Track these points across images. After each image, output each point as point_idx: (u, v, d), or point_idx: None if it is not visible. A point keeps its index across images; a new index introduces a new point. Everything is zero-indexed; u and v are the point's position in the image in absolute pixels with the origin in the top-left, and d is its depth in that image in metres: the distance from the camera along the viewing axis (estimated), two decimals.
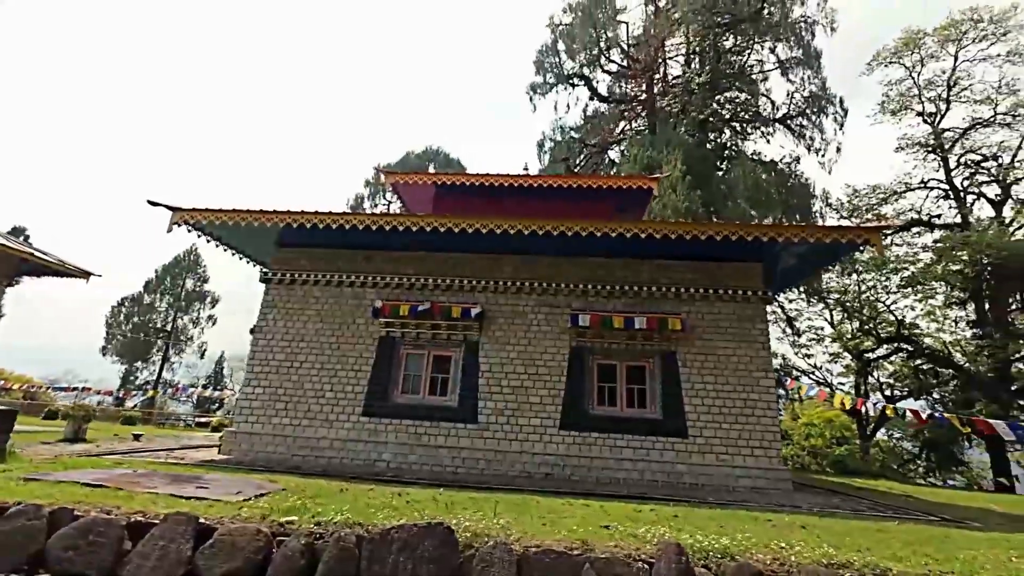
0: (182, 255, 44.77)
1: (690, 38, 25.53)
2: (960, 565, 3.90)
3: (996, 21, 21.09)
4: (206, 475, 5.85)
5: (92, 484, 4.90)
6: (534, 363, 9.26)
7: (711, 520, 5.19)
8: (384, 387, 9.32)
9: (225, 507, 4.42)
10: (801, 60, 27.02)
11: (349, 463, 8.70)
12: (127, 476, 5.47)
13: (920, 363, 20.52)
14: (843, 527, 5.32)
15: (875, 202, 23.97)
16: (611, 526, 4.52)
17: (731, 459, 8.46)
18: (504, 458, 8.66)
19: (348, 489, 5.80)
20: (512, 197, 12.71)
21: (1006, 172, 20.75)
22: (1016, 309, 19.31)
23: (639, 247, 9.08)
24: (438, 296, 9.77)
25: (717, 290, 9.36)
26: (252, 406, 9.37)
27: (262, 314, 10.06)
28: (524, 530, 4.08)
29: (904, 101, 23.43)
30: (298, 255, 10.35)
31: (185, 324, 42.59)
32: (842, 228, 8.58)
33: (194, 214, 9.13)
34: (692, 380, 8.95)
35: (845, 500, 8.00)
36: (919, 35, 22.60)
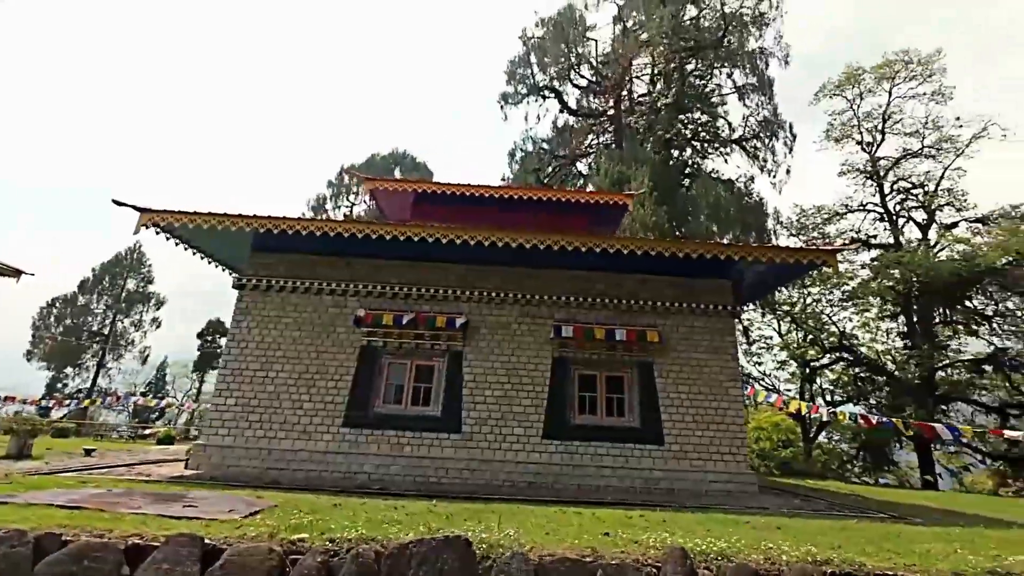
0: (124, 253, 41.77)
1: (656, 59, 26.74)
2: (919, 558, 4.38)
3: (923, 63, 23.50)
4: (190, 493, 5.60)
5: (68, 506, 4.61)
6: (517, 373, 9.42)
7: (698, 524, 5.52)
8: (365, 397, 9.18)
9: (223, 526, 4.29)
10: (756, 87, 28.90)
11: (329, 476, 8.50)
12: (103, 496, 5.16)
13: (859, 371, 22.31)
14: (812, 527, 5.80)
15: (820, 221, 25.94)
16: (610, 533, 4.74)
17: (703, 464, 8.94)
18: (488, 467, 8.74)
19: (342, 504, 5.72)
20: (490, 207, 12.88)
21: (931, 199, 23.06)
22: (939, 322, 21.40)
23: (620, 262, 9.43)
24: (421, 305, 9.75)
25: (691, 304, 9.89)
26: (223, 418, 8.96)
27: (235, 321, 9.66)
28: (533, 540, 4.22)
29: (845, 130, 25.59)
30: (274, 260, 10.03)
31: (125, 327, 39.65)
32: (803, 250, 9.33)
33: (165, 216, 8.69)
34: (668, 390, 9.40)
35: (805, 501, 8.65)
36: (859, 72, 24.80)
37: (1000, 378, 20.15)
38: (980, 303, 20.10)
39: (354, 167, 51.20)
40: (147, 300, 41.31)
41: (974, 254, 17.95)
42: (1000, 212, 20.62)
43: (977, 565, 4.20)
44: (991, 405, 20.55)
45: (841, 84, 25.31)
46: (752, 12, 25.28)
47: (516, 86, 32.36)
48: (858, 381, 22.59)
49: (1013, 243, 16.78)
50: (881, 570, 3.97)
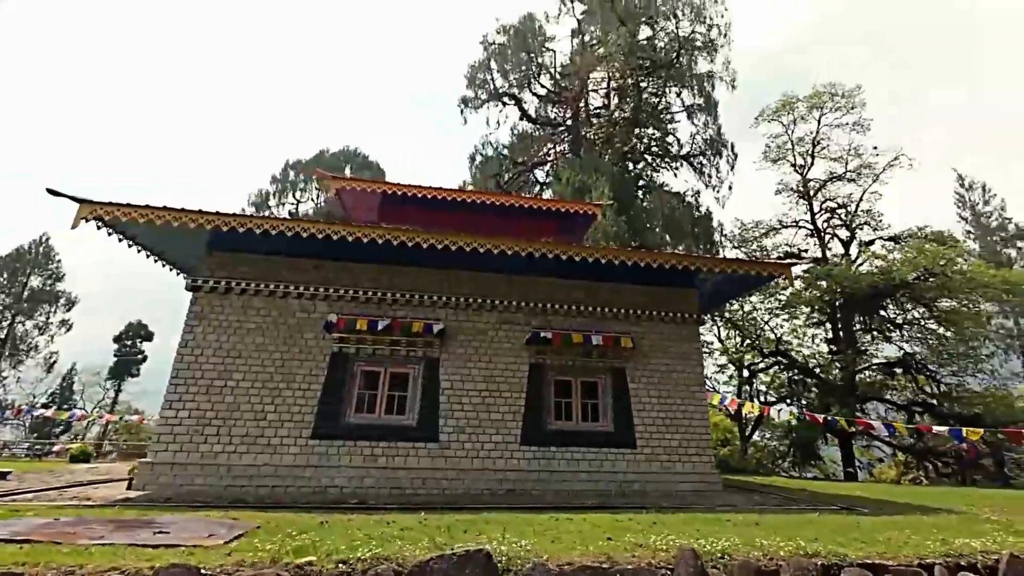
0: (27, 247, 37.05)
1: (613, 75, 27.82)
2: (884, 546, 4.84)
3: (847, 96, 26.16)
4: (156, 517, 5.05)
5: (14, 540, 4.02)
6: (495, 380, 9.37)
7: (685, 524, 5.75)
8: (336, 407, 8.74)
9: (211, 553, 3.92)
10: (702, 107, 30.85)
11: (297, 492, 7.99)
12: (53, 526, 4.54)
13: (792, 374, 24.27)
14: (782, 521, 6.22)
15: (758, 235, 28.04)
16: (612, 537, 4.84)
17: (673, 466, 9.34)
18: (466, 476, 8.61)
19: (329, 522, 5.40)
20: (459, 212, 12.79)
21: (852, 219, 25.65)
22: (859, 329, 23.79)
23: (595, 270, 9.68)
24: (396, 311, 9.46)
25: (660, 312, 10.33)
26: (175, 432, 8.18)
27: (188, 326, 8.87)
28: (544, 549, 4.22)
29: (781, 153, 27.89)
30: (233, 261, 9.34)
31: (27, 330, 35.08)
32: (762, 263, 10.07)
33: (109, 209, 7.84)
34: (640, 394, 9.74)
35: (763, 496, 9.26)
36: (793, 100, 27.16)
37: (908, 379, 22.70)
38: (894, 312, 22.57)
39: (300, 163, 48.91)
40: (55, 300, 36.85)
41: (889, 269, 20.17)
42: (909, 232, 23.37)
43: (935, 550, 4.70)
44: (900, 404, 23.08)
45: (777, 110, 27.58)
46: (704, 38, 27.02)
47: (477, 90, 32.39)
48: (791, 383, 24.55)
49: (920, 260, 19.06)
50: (861, 559, 4.34)
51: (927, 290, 19.82)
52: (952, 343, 21.04)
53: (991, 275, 18.56)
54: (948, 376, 21.30)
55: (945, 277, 18.55)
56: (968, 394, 21.00)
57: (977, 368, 21.53)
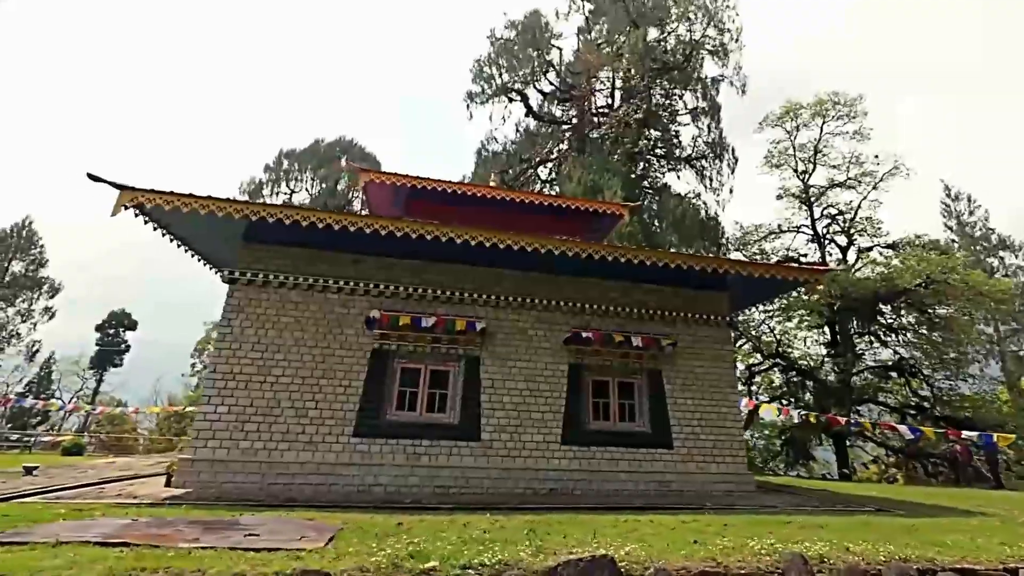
0: (8, 231, 35.56)
1: (625, 76, 27.89)
2: (961, 551, 4.94)
3: (849, 104, 26.72)
4: (239, 518, 4.91)
5: (112, 543, 3.86)
6: (535, 379, 9.35)
7: (754, 526, 5.83)
8: (377, 404, 8.62)
9: (314, 556, 3.82)
10: (706, 111, 31.14)
11: (341, 489, 7.86)
12: (136, 527, 4.38)
13: (791, 375, 24.82)
14: (842, 523, 6.35)
15: (758, 239, 28.53)
16: (698, 540, 4.88)
17: (708, 466, 9.46)
18: (509, 475, 8.58)
19: (404, 523, 5.33)
20: (486, 208, 12.68)
21: (851, 225, 26.26)
22: (856, 334, 24.43)
23: (630, 271, 9.69)
24: (436, 308, 9.35)
25: (694, 315, 10.42)
26: (214, 428, 7.96)
27: (226, 319, 8.63)
28: (649, 554, 4.22)
29: (783, 158, 28.36)
30: (269, 254, 9.09)
31: (9, 318, 33.71)
32: (798, 268, 10.24)
33: (151, 197, 7.55)
34: (675, 396, 9.83)
35: (795, 497, 9.45)
36: (796, 107, 27.62)
37: (902, 382, 23.42)
38: (891, 318, 23.22)
39: (295, 152, 47.98)
40: (38, 286, 35.48)
41: (891, 275, 20.75)
42: (907, 240, 24.06)
43: (1013, 554, 4.85)
44: (893, 406, 23.81)
45: (781, 116, 28.02)
46: (714, 42, 27.27)
47: (483, 85, 32.12)
48: (789, 384, 25.11)
49: (924, 268, 19.66)
50: (951, 564, 4.46)
51: (926, 297, 20.45)
52: (944, 348, 21.76)
53: (991, 284, 19.24)
54: (941, 380, 22.02)
55: (947, 285, 19.16)
56: (959, 398, 21.78)
57: (966, 373, 22.33)
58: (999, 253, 36.41)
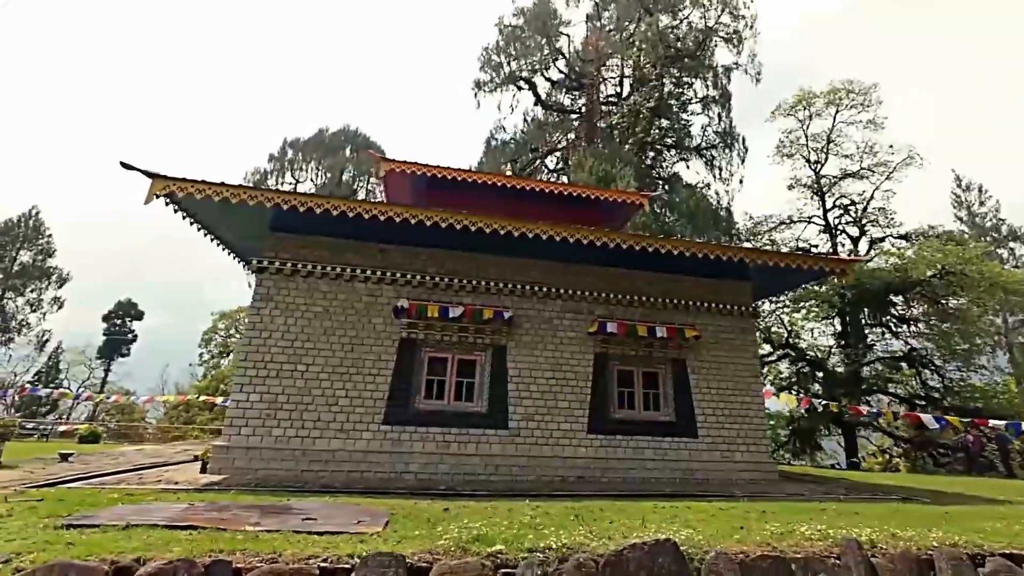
0: (15, 220, 35.55)
1: (637, 64, 27.56)
2: (1006, 537, 5.00)
3: (863, 93, 26.42)
4: (293, 504, 4.97)
5: (179, 526, 3.92)
6: (561, 368, 9.39)
7: (794, 513, 5.88)
8: (406, 393, 8.68)
9: (376, 540, 3.88)
10: (716, 99, 30.84)
11: (372, 477, 7.95)
12: (196, 511, 4.44)
13: (800, 366, 24.88)
14: (876, 511, 6.40)
15: (767, 229, 28.41)
16: (744, 527, 4.93)
17: (732, 455, 9.53)
18: (537, 463, 8.66)
19: (450, 509, 5.39)
20: (504, 198, 12.62)
21: (863, 216, 26.12)
22: (867, 324, 24.42)
23: (653, 261, 9.65)
24: (463, 297, 9.37)
25: (717, 304, 10.42)
26: (247, 415, 8.03)
27: (255, 308, 8.66)
28: (704, 539, 4.27)
29: (795, 148, 28.13)
30: (296, 243, 9.09)
31: (19, 307, 33.84)
32: (826, 258, 10.19)
33: (183, 185, 7.54)
34: (700, 385, 9.87)
35: (819, 486, 9.52)
36: (810, 95, 27.32)
37: (912, 373, 23.47)
38: (903, 309, 23.19)
39: (299, 141, 47.70)
40: (47, 276, 35.55)
41: (905, 266, 20.68)
42: (921, 231, 23.94)
43: None
44: (903, 396, 23.88)
45: (794, 105, 27.73)
46: (728, 29, 26.89)
47: (491, 73, 31.81)
48: (799, 375, 25.18)
49: (941, 259, 19.58)
50: (999, 550, 4.50)
51: (940, 288, 20.39)
52: (956, 339, 21.75)
53: (1006, 276, 19.16)
54: (952, 371, 22.06)
55: (964, 276, 19.10)
56: (969, 388, 21.83)
57: (976, 364, 22.33)
58: (1009, 244, 36.21)
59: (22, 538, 3.52)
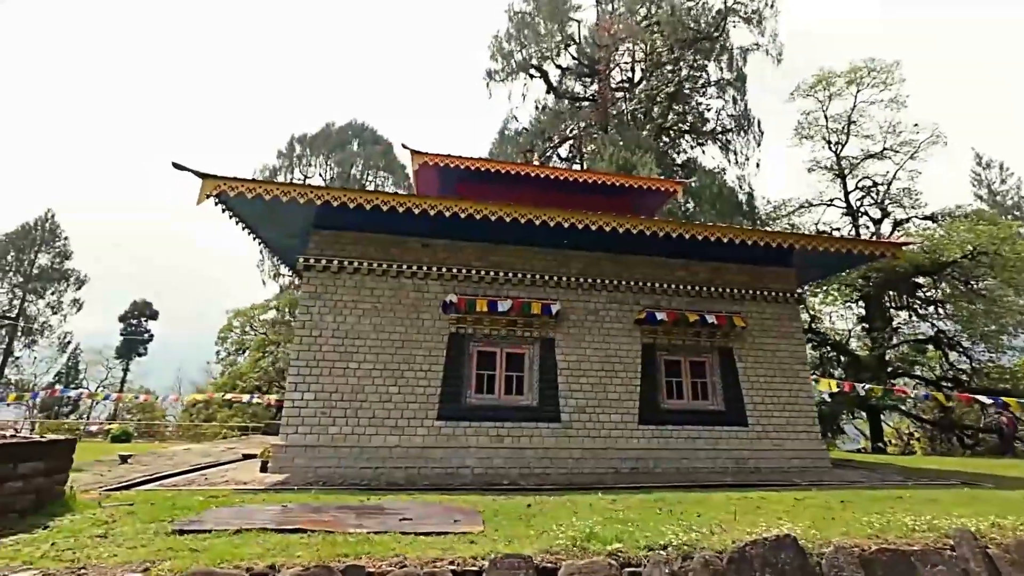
0: (32, 224, 35.77)
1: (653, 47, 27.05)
2: None
3: (885, 71, 25.82)
4: (383, 504, 4.96)
5: (287, 529, 3.90)
6: (610, 360, 9.33)
7: (871, 502, 5.81)
8: (458, 388, 8.65)
9: (485, 540, 3.85)
10: (731, 82, 30.27)
11: (430, 472, 7.96)
12: (293, 513, 4.42)
13: (825, 351, 24.68)
14: (950, 497, 6.32)
15: (785, 213, 28.02)
16: (835, 517, 4.88)
17: (783, 443, 9.46)
18: (591, 455, 8.64)
19: (531, 504, 5.36)
20: (536, 188, 12.46)
21: (887, 197, 25.70)
22: (893, 307, 24.14)
23: (696, 249, 9.51)
24: (509, 291, 9.29)
25: (762, 291, 10.28)
26: (303, 414, 8.04)
27: (303, 307, 8.63)
28: (812, 532, 4.20)
29: (815, 129, 27.63)
30: (340, 240, 9.03)
31: (40, 310, 34.18)
32: (875, 242, 10.03)
33: (234, 184, 7.47)
34: (748, 373, 9.78)
35: (873, 472, 9.45)
36: (829, 75, 26.74)
37: (938, 355, 23.23)
38: (930, 291, 22.88)
39: (307, 137, 47.42)
40: (65, 278, 35.83)
41: (934, 247, 20.34)
42: (948, 211, 23.53)
43: None
44: (929, 379, 23.67)
45: (813, 86, 27.16)
46: (748, 9, 26.30)
47: (502, 62, 31.35)
48: (823, 359, 24.99)
49: (973, 239, 19.23)
50: None
51: (972, 268, 20.07)
52: (983, 321, 21.42)
53: None
54: (980, 352, 21.80)
55: (997, 256, 18.77)
56: (998, 370, 21.58)
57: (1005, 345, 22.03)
58: None
59: (141, 545, 3.51)
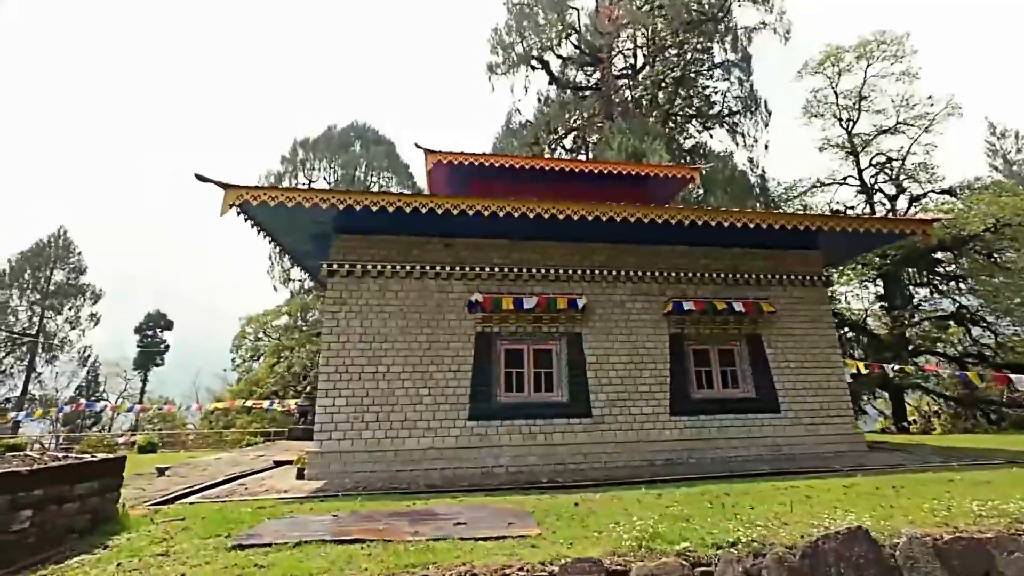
0: (46, 241, 36.17)
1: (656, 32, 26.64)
2: None
3: (895, 43, 25.24)
4: (435, 508, 4.93)
5: (344, 540, 3.87)
6: (638, 352, 9.24)
7: (921, 486, 5.71)
8: (487, 387, 8.61)
9: (547, 544, 3.79)
10: (736, 63, 29.78)
11: (465, 472, 7.95)
12: (347, 523, 4.40)
13: (844, 331, 24.36)
14: (1004, 478, 6.18)
15: (796, 194, 27.59)
16: (892, 505, 4.77)
17: (817, 428, 9.34)
18: (624, 449, 8.58)
19: (580, 503, 5.31)
20: (550, 181, 12.35)
21: (901, 173, 25.22)
22: (912, 284, 23.75)
23: (719, 236, 9.33)
24: (533, 287, 9.21)
25: (788, 275, 10.12)
26: (335, 420, 8.05)
27: (329, 312, 8.62)
28: (881, 523, 4.10)
29: (824, 107, 27.12)
30: (362, 244, 8.99)
31: (59, 325, 34.64)
32: (905, 220, 9.79)
33: (257, 193, 7.44)
34: (778, 359, 9.64)
35: (910, 455, 9.29)
36: (838, 50, 26.18)
37: (961, 332, 22.85)
38: (951, 266, 22.45)
39: (309, 141, 47.36)
40: (81, 293, 36.27)
41: (955, 222, 19.93)
42: (967, 184, 23.03)
43: None
44: (952, 356, 23.31)
45: (821, 62, 26.63)
46: None
47: (502, 54, 31.04)
48: (841, 340, 24.70)
49: (995, 211, 18.81)
50: None
51: (995, 241, 19.66)
52: (1007, 295, 21.00)
53: None
54: (1005, 327, 21.41)
55: (1022, 228, 18.35)
56: None
57: None
58: None
59: (204, 562, 3.50)
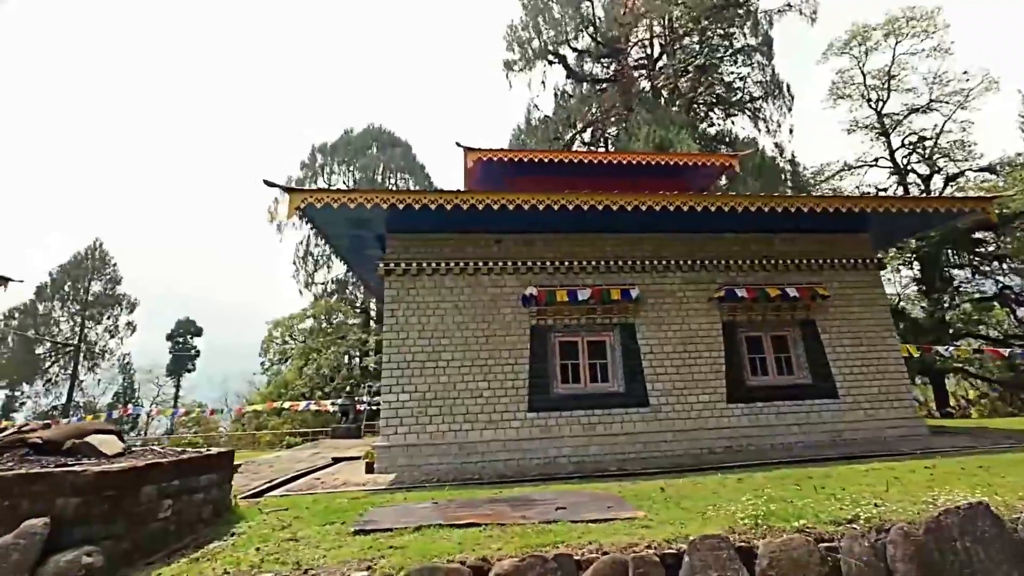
0: (83, 253, 37.46)
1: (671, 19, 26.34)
2: None
3: (925, 18, 24.51)
4: (532, 495, 5.07)
5: (461, 524, 4.03)
6: (692, 341, 9.25)
7: (1012, 465, 5.66)
8: (544, 379, 8.73)
9: (660, 524, 3.89)
10: (756, 47, 29.28)
11: (528, 463, 8.09)
12: (452, 509, 4.56)
13: None
14: None
15: (825, 177, 27.05)
16: (990, 484, 4.75)
17: (876, 412, 9.25)
18: (684, 437, 8.63)
19: (665, 488, 5.39)
20: (588, 175, 12.35)
21: (936, 152, 24.54)
22: (951, 265, 23.14)
23: (768, 222, 9.27)
24: (584, 279, 9.29)
25: (839, 260, 10.01)
26: (400, 414, 8.26)
27: (388, 310, 8.82)
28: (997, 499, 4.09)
29: (851, 88, 26.50)
30: (415, 242, 9.17)
31: (99, 334, 35.89)
32: (963, 199, 9.60)
33: (320, 196, 7.66)
34: (833, 344, 9.56)
35: (971, 438, 9.13)
36: (865, 29, 25.54)
37: (1005, 313, 22.21)
38: (993, 246, 21.82)
39: (327, 146, 47.97)
40: (118, 303, 37.49)
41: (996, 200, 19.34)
42: (1007, 160, 22.31)
43: None
44: (996, 338, 22.67)
45: (847, 42, 26.02)
46: None
47: (519, 51, 31.05)
48: None
49: None
50: None
51: None
52: None
53: None
54: None
55: None
56: None
57: None
58: None
59: (337, 546, 3.68)
